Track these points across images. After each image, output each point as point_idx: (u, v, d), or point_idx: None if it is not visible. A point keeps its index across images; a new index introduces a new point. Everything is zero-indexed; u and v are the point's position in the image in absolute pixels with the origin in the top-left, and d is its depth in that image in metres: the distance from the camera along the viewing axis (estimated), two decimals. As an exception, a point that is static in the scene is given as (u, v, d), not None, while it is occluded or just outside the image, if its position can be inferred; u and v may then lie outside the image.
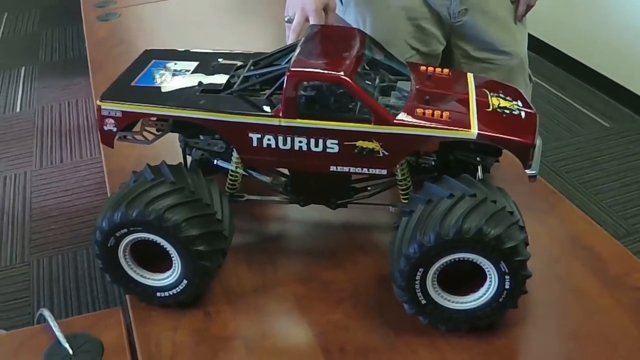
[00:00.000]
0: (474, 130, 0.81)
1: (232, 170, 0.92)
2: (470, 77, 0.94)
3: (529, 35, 1.50)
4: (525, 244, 0.77)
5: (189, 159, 0.98)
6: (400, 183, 0.89)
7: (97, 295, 2.17)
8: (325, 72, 0.81)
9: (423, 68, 0.94)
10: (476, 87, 0.91)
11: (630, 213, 2.38)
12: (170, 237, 0.82)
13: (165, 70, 0.96)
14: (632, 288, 0.88)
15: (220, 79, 0.92)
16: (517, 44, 1.46)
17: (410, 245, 0.75)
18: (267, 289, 0.90)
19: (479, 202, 0.76)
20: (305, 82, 0.83)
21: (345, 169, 0.85)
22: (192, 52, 1.02)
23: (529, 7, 1.42)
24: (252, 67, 0.94)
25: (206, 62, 0.97)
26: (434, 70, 0.94)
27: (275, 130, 0.84)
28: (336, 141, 0.83)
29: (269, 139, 0.84)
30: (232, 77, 0.93)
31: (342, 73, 0.81)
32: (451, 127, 0.81)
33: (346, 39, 0.90)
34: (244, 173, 0.92)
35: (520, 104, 0.89)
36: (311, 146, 0.84)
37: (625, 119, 2.95)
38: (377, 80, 0.90)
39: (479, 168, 0.92)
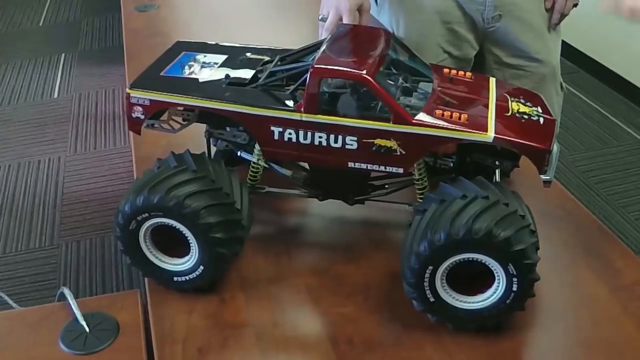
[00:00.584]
0: (490, 134, 0.83)
1: (253, 162, 0.94)
2: (492, 81, 0.95)
3: (566, 44, 1.51)
4: (535, 248, 0.78)
5: (213, 149, 1.01)
6: (417, 182, 0.90)
7: (122, 281, 2.22)
8: (348, 70, 0.83)
9: (446, 70, 0.95)
10: (497, 91, 0.92)
11: (658, 227, 2.37)
12: (189, 223, 0.84)
13: (195, 62, 0.99)
14: (642, 298, 0.89)
15: (247, 72, 0.94)
16: (549, 51, 1.46)
17: (421, 243, 0.77)
18: (281, 279, 0.93)
19: (490, 204, 0.77)
20: (328, 79, 0.85)
21: (363, 165, 0.87)
22: (222, 45, 1.04)
23: (563, 16, 1.42)
24: (278, 63, 0.97)
25: (234, 56, 1.00)
26: (457, 73, 0.95)
27: (296, 125, 0.86)
28: (355, 138, 0.85)
29: (290, 133, 0.86)
30: (258, 71, 0.95)
31: (364, 72, 0.82)
32: (468, 129, 0.82)
33: (371, 39, 0.92)
34: (266, 165, 0.95)
35: (540, 110, 0.90)
36: (330, 142, 0.85)
37: (659, 132, 2.92)
38: (400, 81, 0.92)
39: (497, 172, 0.93)
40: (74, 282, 2.22)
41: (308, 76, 0.83)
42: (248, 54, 1.01)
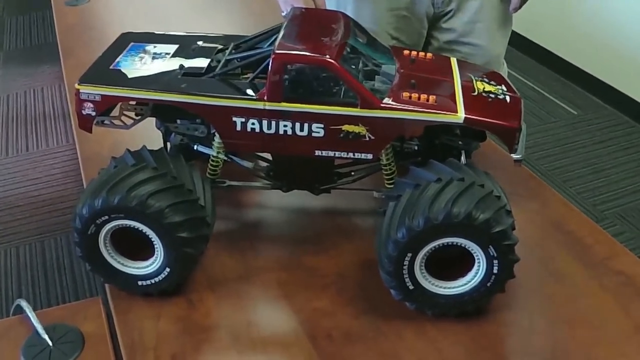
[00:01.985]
0: (461, 115, 0.81)
1: (213, 156, 0.90)
2: (454, 61, 0.93)
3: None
4: (512, 228, 0.77)
5: (169, 144, 0.96)
6: (385, 168, 0.88)
7: (67, 286, 2.13)
8: (311, 54, 0.80)
9: (406, 52, 0.93)
10: (460, 71, 0.90)
11: (599, 200, 2.41)
12: (153, 223, 0.80)
13: (145, 54, 0.94)
14: (616, 272, 0.89)
15: (202, 62, 0.90)
16: (495, 40, 1.43)
17: (399, 229, 0.75)
18: (250, 276, 0.89)
19: (467, 186, 0.75)
20: (290, 65, 0.81)
21: (331, 153, 0.84)
22: (172, 34, 1.00)
23: (524, 1, 1.35)
24: (233, 51, 0.93)
25: (186, 45, 0.95)
26: (417, 54, 0.93)
27: (259, 114, 0.82)
28: (322, 125, 0.82)
29: (253, 123, 0.83)
30: (213, 60, 0.91)
31: (328, 56, 0.79)
32: (438, 111, 0.80)
33: (330, 22, 0.89)
34: (225, 158, 0.91)
35: (504, 88, 0.89)
36: (296, 130, 0.82)
37: (593, 106, 2.98)
38: (361, 64, 0.89)
39: (462, 153, 0.91)
40: (16, 290, 2.12)
41: (270, 63, 0.80)
42: (200, 43, 0.96)
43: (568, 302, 0.85)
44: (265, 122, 0.82)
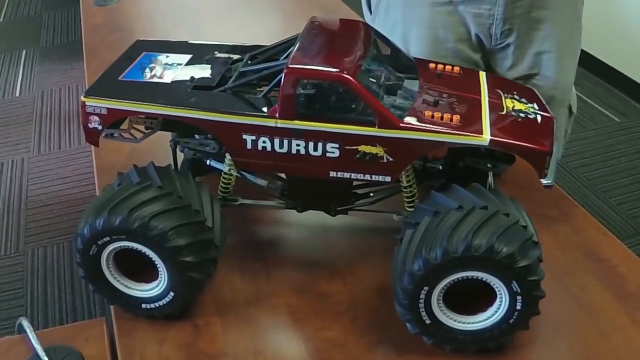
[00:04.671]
0: (486, 136, 0.75)
1: (225, 172, 0.86)
2: (482, 75, 0.87)
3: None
4: (539, 261, 0.71)
5: (181, 157, 0.92)
6: (405, 190, 0.82)
7: (93, 291, 2.12)
8: (326, 69, 0.75)
9: (432, 65, 0.88)
10: (489, 87, 0.84)
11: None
12: (156, 246, 0.76)
13: (156, 64, 0.90)
14: (652, 306, 0.82)
15: (215, 74, 0.86)
16: (563, 70, 1.29)
17: (415, 261, 0.69)
18: (260, 300, 0.85)
19: (490, 216, 0.70)
20: (304, 81, 0.76)
21: (346, 175, 0.79)
22: (186, 43, 0.95)
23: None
24: (249, 62, 0.88)
25: (200, 55, 0.91)
26: (444, 68, 0.87)
27: (271, 132, 0.77)
28: (337, 145, 0.77)
29: (264, 142, 0.78)
30: (227, 72, 0.87)
31: (344, 71, 0.74)
32: (462, 132, 0.75)
33: (349, 33, 0.84)
34: (238, 175, 0.86)
35: (536, 106, 0.83)
36: (309, 150, 0.77)
37: (636, 113, 2.88)
38: (383, 78, 0.84)
39: (490, 174, 0.86)
40: (42, 290, 2.12)
41: (282, 78, 0.75)
42: (216, 53, 0.92)
43: (597, 338, 0.79)
44: (277, 141, 0.78)
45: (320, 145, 0.77)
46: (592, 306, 0.83)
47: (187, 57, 0.91)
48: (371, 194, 0.86)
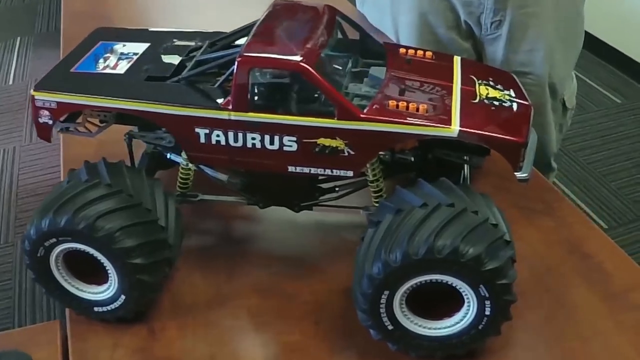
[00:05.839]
0: (455, 127, 0.70)
1: (182, 166, 0.81)
2: (457, 60, 0.82)
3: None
4: (511, 262, 0.66)
5: (140, 152, 0.87)
6: (372, 184, 0.77)
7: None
8: (282, 57, 0.70)
9: (402, 51, 0.82)
10: (462, 73, 0.79)
11: (640, 196, 2.26)
12: (103, 248, 0.71)
13: (111, 54, 0.85)
14: (635, 307, 0.77)
15: (170, 63, 0.81)
16: (554, 64, 1.23)
17: (374, 264, 0.64)
18: (221, 301, 0.80)
19: (456, 214, 0.64)
20: (258, 70, 0.71)
21: (306, 169, 0.74)
22: (146, 31, 0.90)
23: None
24: (208, 49, 0.83)
25: (158, 44, 0.86)
26: (415, 53, 0.82)
27: (224, 125, 0.72)
28: (294, 138, 0.71)
29: (218, 135, 0.73)
30: (184, 61, 0.81)
31: (302, 59, 0.69)
32: (428, 123, 0.70)
33: (312, 18, 0.78)
34: (197, 169, 0.81)
35: (512, 93, 0.78)
36: (266, 144, 0.72)
37: (638, 95, 2.80)
38: (350, 65, 0.79)
39: (466, 167, 0.80)
40: (31, 282, 2.08)
41: (235, 67, 0.70)
42: (175, 41, 0.87)
43: (578, 343, 0.74)
44: (231, 134, 0.73)
45: (276, 138, 0.72)
46: (574, 307, 0.78)
47: (144, 46, 0.85)
48: (337, 189, 0.81)
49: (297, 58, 0.69)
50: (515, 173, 0.72)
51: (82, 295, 0.77)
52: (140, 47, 0.85)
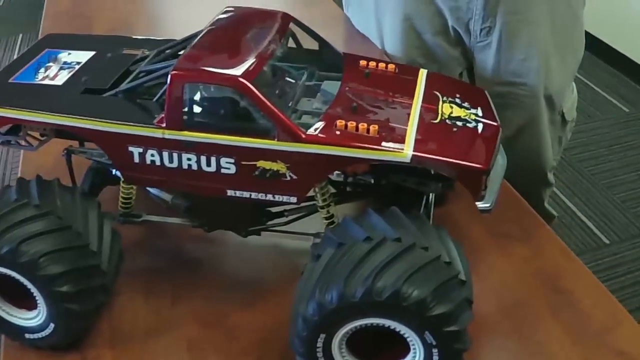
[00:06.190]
0: (407, 151, 0.63)
1: (123, 185, 0.75)
2: (422, 74, 0.76)
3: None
4: (466, 304, 0.59)
5: (81, 169, 0.82)
6: (322, 210, 0.71)
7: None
8: (218, 72, 0.64)
9: (363, 63, 0.76)
10: (426, 89, 0.73)
11: (645, 211, 2.18)
12: (28, 274, 0.66)
13: (54, 63, 0.79)
14: (614, 352, 0.70)
15: (111, 75, 0.75)
16: (551, 74, 1.16)
17: (309, 304, 0.58)
18: (161, 330, 0.74)
19: (402, 250, 0.58)
20: (193, 85, 0.65)
21: (246, 194, 0.68)
22: (94, 38, 0.85)
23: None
24: (155, 59, 0.77)
25: (105, 52, 0.81)
26: (377, 66, 0.76)
27: (158, 144, 0.67)
28: (232, 160, 0.66)
29: (152, 155, 0.67)
30: (127, 72, 0.76)
31: (239, 73, 0.63)
32: (377, 146, 0.63)
33: (262, 26, 0.72)
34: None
35: (480, 112, 0.71)
36: (202, 165, 0.66)
37: (647, 104, 2.72)
38: (305, 77, 0.73)
39: (431, 195, 0.74)
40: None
41: (167, 82, 0.64)
42: (124, 49, 0.81)
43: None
44: (165, 154, 0.67)
45: (213, 160, 0.66)
46: (543, 351, 0.71)
47: (89, 54, 0.80)
48: (286, 214, 0.75)
49: (235, 72, 0.63)
50: (477, 203, 0.66)
51: (13, 321, 0.72)
52: (85, 56, 0.79)
